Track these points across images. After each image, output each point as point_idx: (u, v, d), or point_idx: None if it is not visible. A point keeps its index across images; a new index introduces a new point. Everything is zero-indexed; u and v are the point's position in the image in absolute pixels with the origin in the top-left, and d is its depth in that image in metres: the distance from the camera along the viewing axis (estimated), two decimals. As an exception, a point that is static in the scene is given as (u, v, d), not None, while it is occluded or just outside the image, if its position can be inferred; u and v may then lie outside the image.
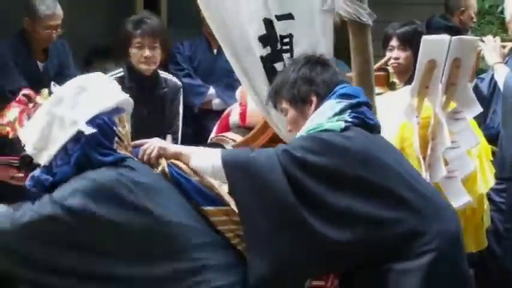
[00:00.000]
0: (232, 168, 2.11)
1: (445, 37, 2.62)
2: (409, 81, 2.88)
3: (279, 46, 2.33)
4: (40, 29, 3.83)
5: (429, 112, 2.62)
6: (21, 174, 2.34)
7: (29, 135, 2.11)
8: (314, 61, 2.26)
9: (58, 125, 2.06)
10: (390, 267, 2.10)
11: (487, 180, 2.82)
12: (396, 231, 2.11)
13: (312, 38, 2.37)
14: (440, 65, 2.57)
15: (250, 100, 2.61)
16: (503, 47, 3.50)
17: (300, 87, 2.22)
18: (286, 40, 2.35)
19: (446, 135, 2.54)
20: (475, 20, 5.16)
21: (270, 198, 2.08)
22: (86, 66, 4.35)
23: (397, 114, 2.65)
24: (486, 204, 2.83)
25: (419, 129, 2.58)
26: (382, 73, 3.15)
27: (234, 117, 2.83)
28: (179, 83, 3.55)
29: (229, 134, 2.73)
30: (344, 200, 2.08)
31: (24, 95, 2.29)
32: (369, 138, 2.19)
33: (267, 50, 2.35)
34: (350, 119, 2.16)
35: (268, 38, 2.34)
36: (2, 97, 3.66)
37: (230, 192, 2.15)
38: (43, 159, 2.08)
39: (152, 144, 2.18)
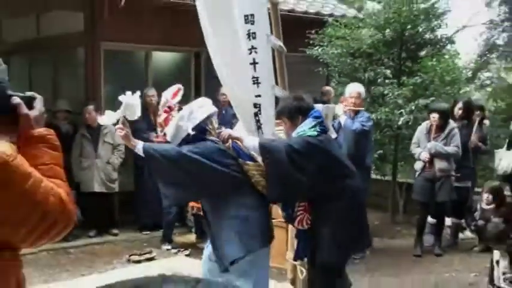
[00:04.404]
0: (263, 148, 3.99)
1: (321, 105, 5.81)
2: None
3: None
4: (146, 98, 7.65)
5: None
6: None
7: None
8: (301, 98, 4.32)
9: (180, 131, 4.03)
10: (330, 203, 4.07)
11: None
12: (335, 185, 4.06)
13: (271, 103, 5.47)
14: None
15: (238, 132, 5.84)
16: (347, 110, 7.12)
17: (294, 110, 4.22)
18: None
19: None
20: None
21: (279, 164, 3.94)
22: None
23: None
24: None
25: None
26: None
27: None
28: None
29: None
30: (313, 167, 3.94)
31: (168, 107, 4.65)
32: (328, 140, 4.14)
33: (256, 109, 4.50)
34: (319, 130, 4.06)
35: (257, 105, 4.52)
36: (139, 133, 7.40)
37: (262, 159, 4.03)
38: (174, 143, 4.03)
39: (225, 131, 4.11)
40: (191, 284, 0.69)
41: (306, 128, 4.14)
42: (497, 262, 5.20)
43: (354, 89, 7.38)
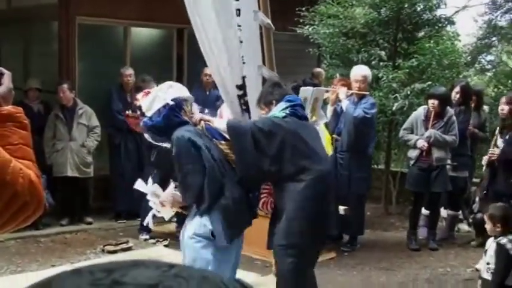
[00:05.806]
0: (230, 129, 4.33)
1: (310, 87, 6.05)
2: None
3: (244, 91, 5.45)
4: (123, 78, 7.64)
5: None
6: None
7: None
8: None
9: (157, 100, 4.22)
10: (292, 184, 4.37)
11: (328, 152, 6.29)
12: (296, 166, 4.37)
13: (258, 84, 5.53)
14: (309, 100, 5.95)
15: (224, 114, 5.86)
16: (351, 94, 7.15)
17: (269, 96, 4.62)
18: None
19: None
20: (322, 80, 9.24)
21: (243, 145, 4.30)
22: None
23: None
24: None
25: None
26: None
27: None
28: None
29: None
30: (276, 145, 4.35)
31: (147, 91, 4.60)
32: (296, 123, 4.45)
33: (241, 92, 5.11)
34: (288, 112, 4.45)
35: (242, 86, 4.97)
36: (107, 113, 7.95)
37: (229, 139, 4.31)
38: (149, 114, 4.21)
39: (197, 115, 4.41)
40: (163, 269, 0.69)
41: (277, 111, 4.54)
42: (485, 252, 5.25)
43: (359, 72, 7.39)
